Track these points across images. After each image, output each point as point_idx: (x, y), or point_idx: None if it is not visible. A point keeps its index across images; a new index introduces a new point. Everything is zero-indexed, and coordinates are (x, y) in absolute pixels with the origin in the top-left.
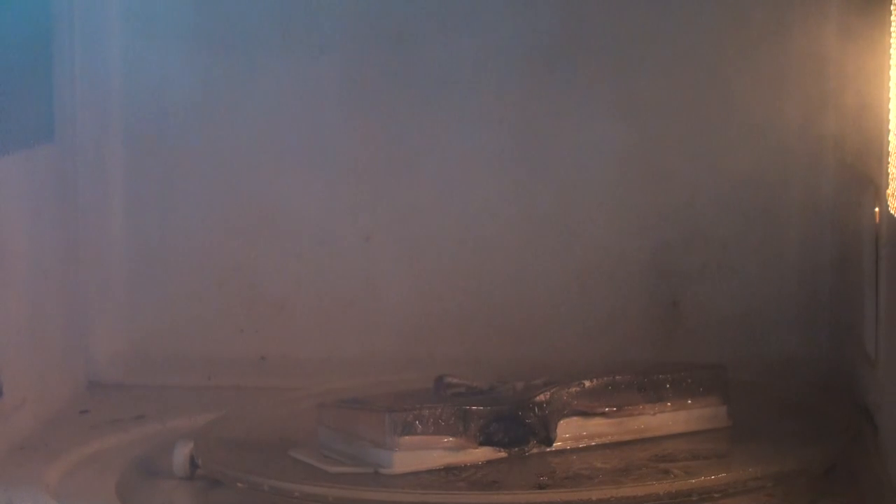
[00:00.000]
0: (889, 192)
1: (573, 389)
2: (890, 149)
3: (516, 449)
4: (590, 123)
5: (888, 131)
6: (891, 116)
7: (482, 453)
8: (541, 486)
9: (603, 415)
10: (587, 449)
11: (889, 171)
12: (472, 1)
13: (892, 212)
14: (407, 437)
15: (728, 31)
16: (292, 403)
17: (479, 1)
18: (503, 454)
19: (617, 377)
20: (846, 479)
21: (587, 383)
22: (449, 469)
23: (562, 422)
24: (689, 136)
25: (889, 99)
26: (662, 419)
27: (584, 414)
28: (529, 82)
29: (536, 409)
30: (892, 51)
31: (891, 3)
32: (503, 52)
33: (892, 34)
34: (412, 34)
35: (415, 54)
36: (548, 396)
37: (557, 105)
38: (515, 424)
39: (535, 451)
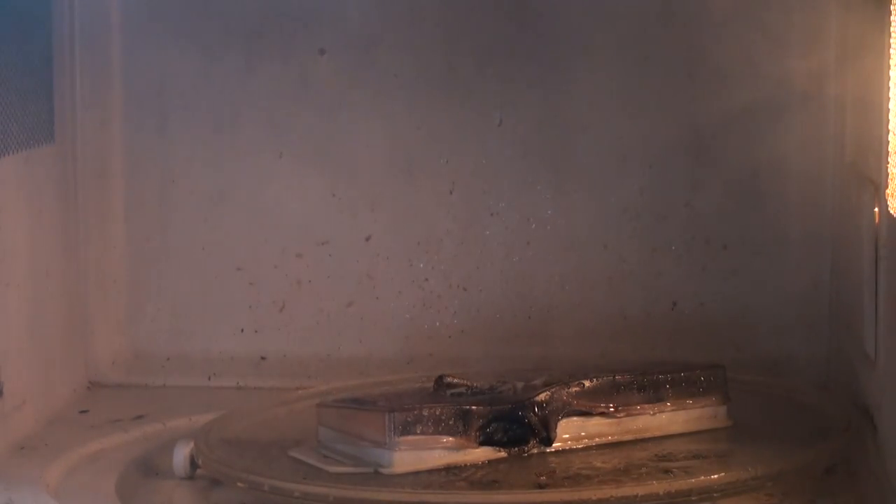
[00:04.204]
0: (889, 192)
1: (573, 389)
2: (890, 149)
3: (516, 449)
4: (590, 123)
5: (888, 131)
6: (891, 116)
7: (482, 453)
8: (541, 486)
9: (603, 414)
10: (587, 449)
11: (889, 171)
12: (472, 2)
13: (891, 212)
14: (407, 437)
15: (728, 31)
16: (292, 403)
17: (479, 3)
18: (503, 454)
19: (617, 377)
20: (846, 479)
21: (587, 383)
22: (449, 469)
23: (562, 422)
24: (689, 135)
25: (889, 99)
26: (662, 419)
27: (584, 414)
28: (531, 84)
29: (536, 409)
30: (891, 50)
31: (891, 3)
32: (504, 52)
33: (892, 34)
34: (412, 34)
35: (415, 54)
36: (548, 396)
37: (558, 105)
38: (515, 424)
39: (535, 451)
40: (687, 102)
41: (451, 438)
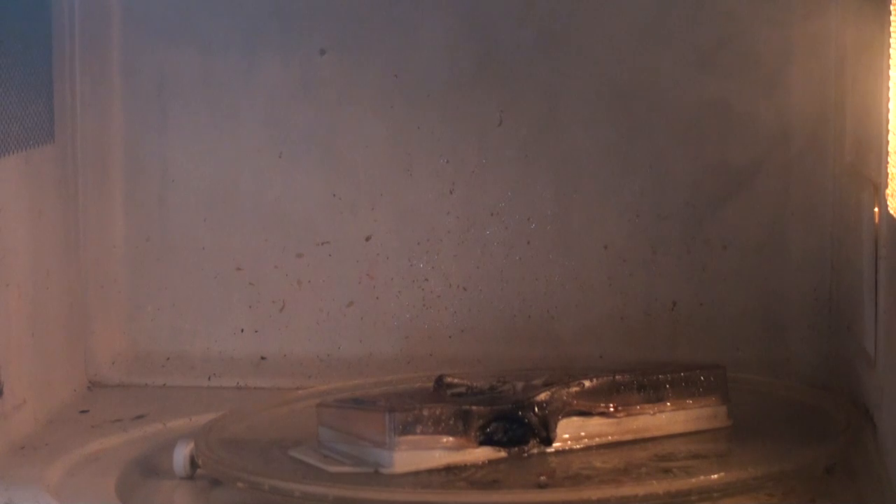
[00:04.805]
0: (889, 192)
1: (573, 389)
2: (890, 149)
3: (516, 449)
4: (590, 123)
5: (888, 131)
6: (891, 116)
7: (482, 453)
8: (541, 486)
9: (603, 414)
10: (587, 449)
11: (889, 171)
12: (472, 2)
13: (891, 212)
14: (407, 437)
15: (729, 30)
16: (292, 403)
17: (479, 2)
18: (503, 454)
19: (617, 377)
20: (846, 479)
21: (587, 383)
22: (449, 469)
23: (562, 422)
24: (689, 135)
25: (889, 99)
26: (662, 419)
27: (584, 414)
28: (531, 84)
29: (536, 409)
30: (891, 51)
31: (891, 3)
32: (504, 52)
33: (892, 34)
34: (412, 34)
35: (414, 54)
36: (548, 396)
37: (557, 105)
38: (515, 424)
39: (535, 450)
40: (687, 102)
41: (451, 438)
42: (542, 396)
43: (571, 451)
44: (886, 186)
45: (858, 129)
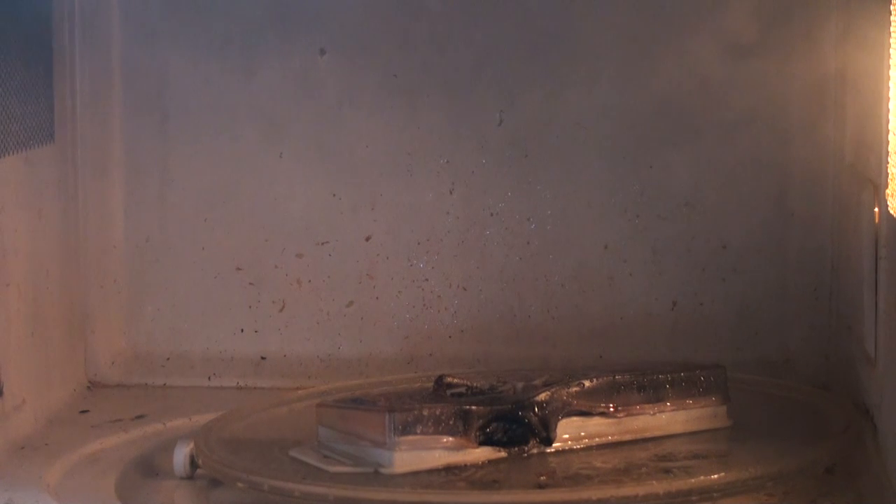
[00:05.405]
0: (889, 192)
1: (573, 389)
2: (890, 149)
3: (516, 449)
4: (589, 124)
5: (888, 131)
6: (891, 116)
7: (482, 453)
8: (541, 486)
9: (603, 414)
10: (587, 449)
11: (889, 171)
12: (472, 2)
13: (891, 212)
14: (407, 437)
15: (729, 30)
16: (292, 403)
17: (479, 3)
18: (503, 454)
19: (617, 377)
20: (846, 479)
21: (587, 383)
22: (449, 469)
23: (562, 422)
24: (689, 135)
25: (889, 99)
26: (662, 419)
27: (584, 414)
28: (531, 84)
29: (536, 409)
30: (892, 51)
31: (891, 3)
32: (504, 52)
33: (892, 34)
34: (412, 34)
35: (415, 54)
36: (548, 396)
37: (557, 105)
38: (515, 424)
39: (535, 450)
40: (687, 103)
41: (451, 438)
42: (542, 396)
43: (571, 451)
44: (886, 186)
45: (858, 129)
